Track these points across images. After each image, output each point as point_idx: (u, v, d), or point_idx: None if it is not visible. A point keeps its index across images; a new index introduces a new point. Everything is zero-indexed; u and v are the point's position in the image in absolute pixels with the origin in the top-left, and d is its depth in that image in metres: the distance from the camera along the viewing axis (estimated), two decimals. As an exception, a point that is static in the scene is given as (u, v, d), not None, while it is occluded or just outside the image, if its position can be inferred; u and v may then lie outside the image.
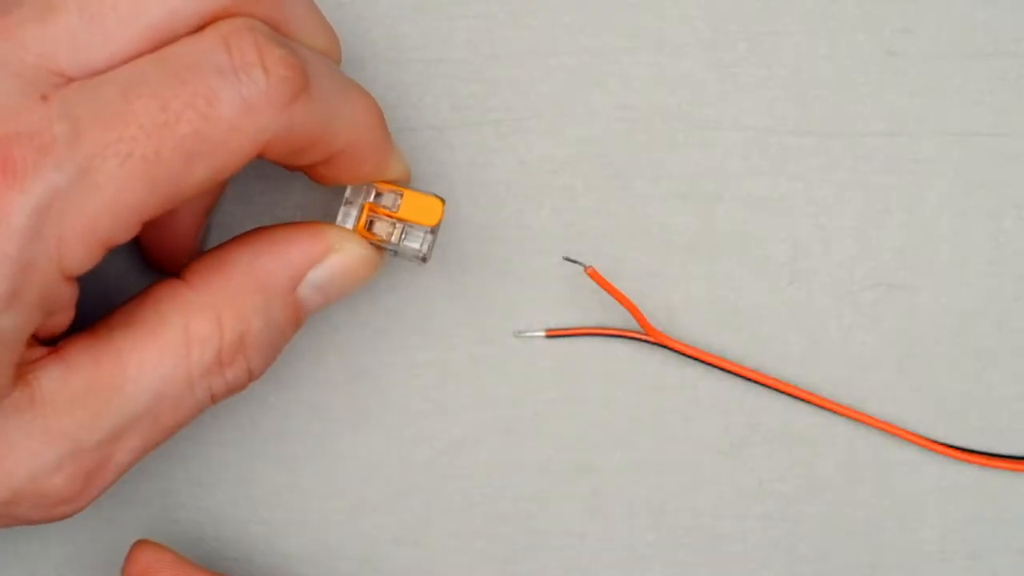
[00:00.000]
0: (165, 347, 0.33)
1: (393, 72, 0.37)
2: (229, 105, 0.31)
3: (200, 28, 0.32)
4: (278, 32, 0.33)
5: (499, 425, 0.40)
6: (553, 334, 0.40)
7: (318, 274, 0.35)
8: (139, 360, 0.33)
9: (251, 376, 0.35)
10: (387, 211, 0.36)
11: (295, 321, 0.35)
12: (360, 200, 0.36)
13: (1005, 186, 0.40)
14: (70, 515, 0.34)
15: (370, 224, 0.36)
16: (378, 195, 0.36)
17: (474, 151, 0.40)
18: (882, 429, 0.35)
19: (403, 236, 0.36)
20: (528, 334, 0.40)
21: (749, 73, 0.40)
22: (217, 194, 0.39)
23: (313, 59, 0.33)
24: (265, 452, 0.40)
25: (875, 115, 0.40)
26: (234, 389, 0.35)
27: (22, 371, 0.32)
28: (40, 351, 0.33)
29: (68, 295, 0.32)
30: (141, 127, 0.30)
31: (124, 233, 0.31)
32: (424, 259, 0.37)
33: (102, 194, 0.30)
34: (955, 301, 0.40)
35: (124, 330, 0.33)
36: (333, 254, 0.35)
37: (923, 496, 0.40)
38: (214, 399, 0.34)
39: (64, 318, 0.33)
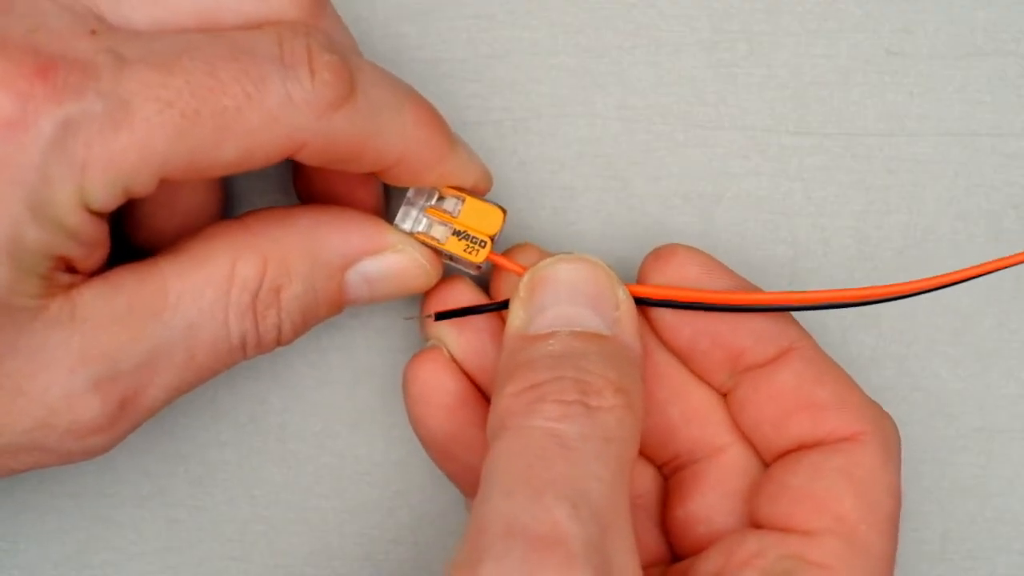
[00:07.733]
0: (208, 279, 0.33)
1: (393, 72, 0.37)
2: (273, 94, 0.31)
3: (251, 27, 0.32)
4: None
5: (499, 425, 0.40)
6: (441, 313, 0.37)
7: (371, 265, 0.35)
8: (180, 288, 0.33)
9: (280, 338, 0.35)
10: (448, 215, 0.36)
11: (334, 302, 0.35)
12: (422, 202, 0.36)
13: (1005, 186, 0.40)
14: (101, 450, 0.33)
15: (428, 226, 0.36)
16: (440, 199, 0.36)
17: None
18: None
19: (465, 248, 0.36)
20: (414, 318, 0.38)
21: (749, 73, 0.40)
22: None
23: (368, 70, 0.33)
24: (265, 451, 0.40)
25: (875, 115, 0.40)
26: (263, 345, 0.34)
27: (62, 288, 0.31)
28: (82, 277, 0.32)
29: (93, 230, 0.31)
30: (187, 83, 0.30)
31: (144, 182, 0.31)
32: (479, 269, 0.36)
33: (134, 133, 0.30)
34: (955, 301, 0.40)
35: (172, 259, 0.33)
36: (392, 252, 0.35)
37: (923, 496, 0.40)
38: (245, 351, 0.34)
39: (98, 256, 0.32)
